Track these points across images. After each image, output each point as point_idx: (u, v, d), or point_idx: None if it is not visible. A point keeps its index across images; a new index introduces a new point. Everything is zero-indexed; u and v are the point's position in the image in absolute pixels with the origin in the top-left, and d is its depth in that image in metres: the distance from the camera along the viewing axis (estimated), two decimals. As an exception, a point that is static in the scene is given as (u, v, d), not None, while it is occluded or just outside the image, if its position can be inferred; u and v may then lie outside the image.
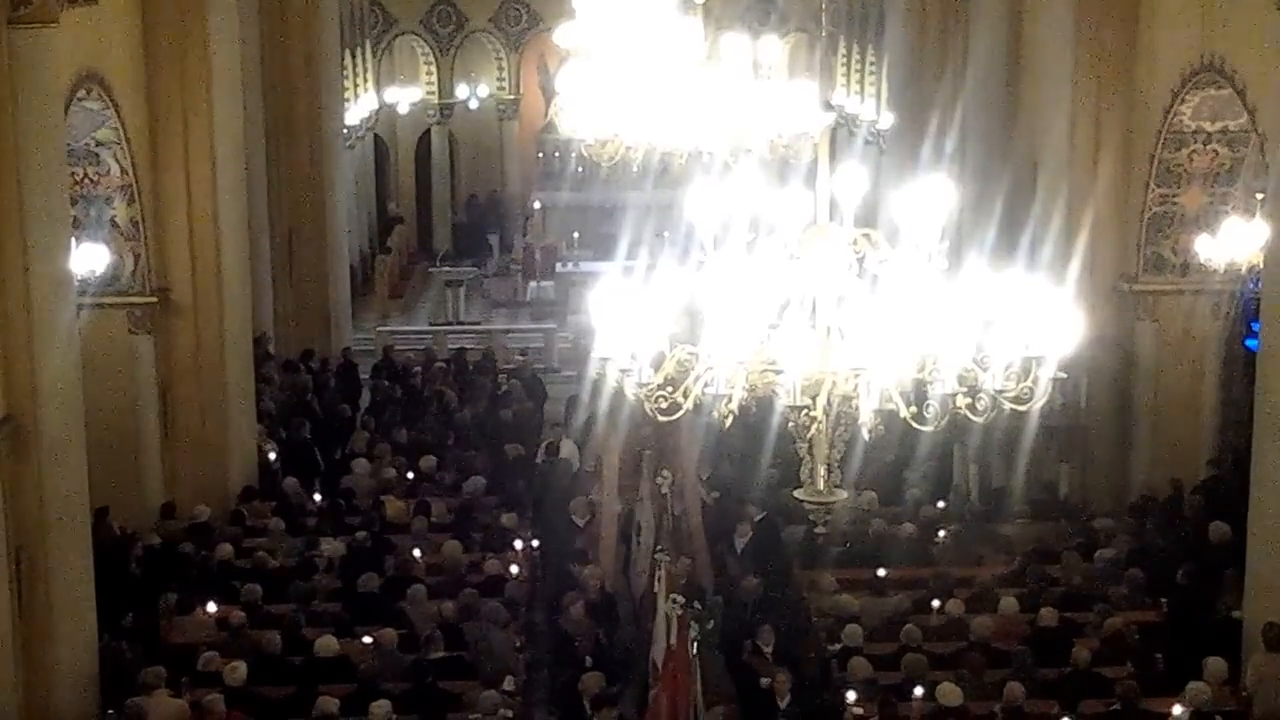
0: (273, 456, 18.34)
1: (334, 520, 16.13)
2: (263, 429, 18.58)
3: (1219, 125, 16.07)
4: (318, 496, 17.12)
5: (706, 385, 5.88)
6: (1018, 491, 16.56)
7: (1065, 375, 5.95)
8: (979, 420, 5.89)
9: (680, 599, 11.67)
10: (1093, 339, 15.36)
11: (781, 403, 5.88)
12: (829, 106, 6.87)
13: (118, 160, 15.70)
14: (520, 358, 23.32)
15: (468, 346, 23.97)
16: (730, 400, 5.83)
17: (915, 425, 5.87)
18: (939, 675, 12.29)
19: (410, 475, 17.53)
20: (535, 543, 15.96)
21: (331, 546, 15.23)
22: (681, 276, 6.30)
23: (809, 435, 5.90)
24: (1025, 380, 5.85)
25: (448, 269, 29.46)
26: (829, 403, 5.86)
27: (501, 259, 31.54)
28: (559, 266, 29.42)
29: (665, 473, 14.29)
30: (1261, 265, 14.40)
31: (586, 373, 19.63)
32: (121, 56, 15.65)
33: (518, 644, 13.54)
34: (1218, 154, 16.37)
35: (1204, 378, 17.20)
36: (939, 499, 16.53)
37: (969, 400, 5.84)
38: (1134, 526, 15.88)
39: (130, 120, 15.68)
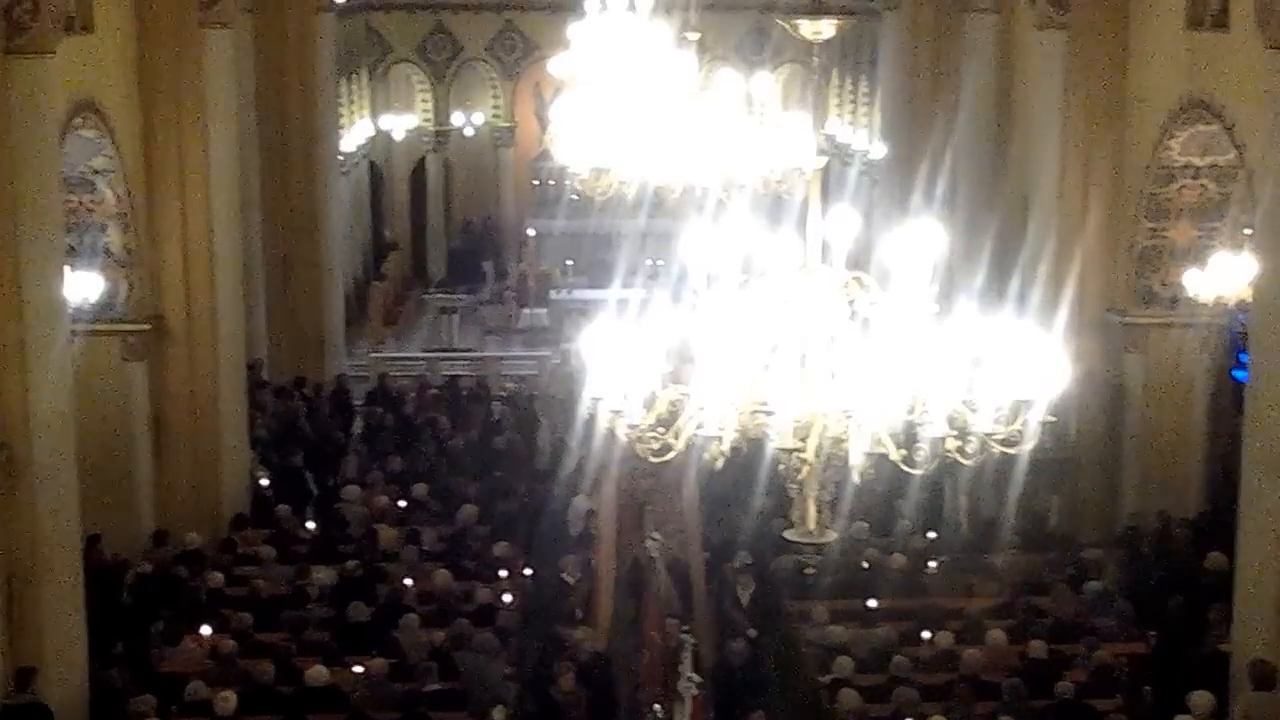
0: (265, 483, 18.33)
1: (326, 548, 16.13)
2: (255, 456, 18.58)
3: (1208, 160, 16.19)
4: (310, 524, 17.12)
5: (698, 426, 5.92)
6: (1008, 522, 16.59)
7: (1055, 419, 6.00)
8: (968, 463, 5.94)
9: (697, 678, 11.55)
10: (1082, 371, 15.44)
11: (772, 444, 5.92)
12: (822, 152, 6.89)
13: (113, 188, 15.77)
14: (512, 385, 23.34)
15: (461, 373, 23.98)
16: (722, 442, 5.86)
17: (905, 469, 5.92)
18: (929, 707, 12.31)
19: (403, 503, 17.53)
20: (528, 571, 15.95)
21: (323, 575, 15.23)
22: (674, 316, 6.33)
23: (800, 477, 5.94)
24: (1015, 423, 5.91)
25: (442, 295, 29.51)
26: (820, 444, 5.91)
27: (496, 286, 31.58)
28: (553, 294, 29.50)
29: (656, 535, 14.01)
30: (1249, 299, 14.50)
31: (562, 416, 19.43)
32: (117, 85, 15.72)
33: (508, 672, 13.53)
34: (1206, 189, 16.49)
35: (1192, 410, 17.29)
36: (930, 530, 16.55)
37: (959, 443, 5.89)
38: (1122, 557, 15.93)
39: (125, 148, 15.75)
